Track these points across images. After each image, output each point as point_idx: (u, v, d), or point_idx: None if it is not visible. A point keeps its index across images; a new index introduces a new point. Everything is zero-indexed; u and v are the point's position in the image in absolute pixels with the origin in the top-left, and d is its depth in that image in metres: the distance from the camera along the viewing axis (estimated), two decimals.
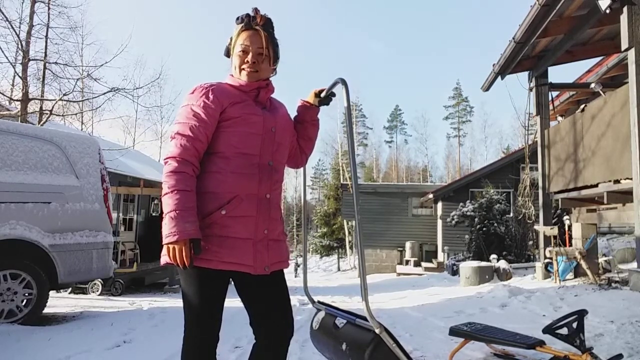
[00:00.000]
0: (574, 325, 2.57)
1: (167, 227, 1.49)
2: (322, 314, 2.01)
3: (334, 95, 1.95)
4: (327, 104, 1.96)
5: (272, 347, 1.66)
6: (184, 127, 1.60)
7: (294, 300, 6.80)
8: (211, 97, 1.62)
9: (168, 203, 1.52)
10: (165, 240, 1.49)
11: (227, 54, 1.78)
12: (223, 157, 1.62)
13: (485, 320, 3.58)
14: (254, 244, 1.61)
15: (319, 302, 2.11)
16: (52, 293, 5.20)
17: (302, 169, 2.15)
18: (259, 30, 1.69)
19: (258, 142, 1.65)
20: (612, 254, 7.59)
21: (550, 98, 7.80)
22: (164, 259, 1.56)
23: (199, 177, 1.61)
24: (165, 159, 1.60)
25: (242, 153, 1.62)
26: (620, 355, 2.63)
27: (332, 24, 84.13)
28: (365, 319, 1.59)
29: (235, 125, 1.63)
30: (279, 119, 1.76)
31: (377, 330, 1.54)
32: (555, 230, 6.77)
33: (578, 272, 6.15)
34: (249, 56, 1.68)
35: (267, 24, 1.71)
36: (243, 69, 1.69)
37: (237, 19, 1.71)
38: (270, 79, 1.79)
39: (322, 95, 1.93)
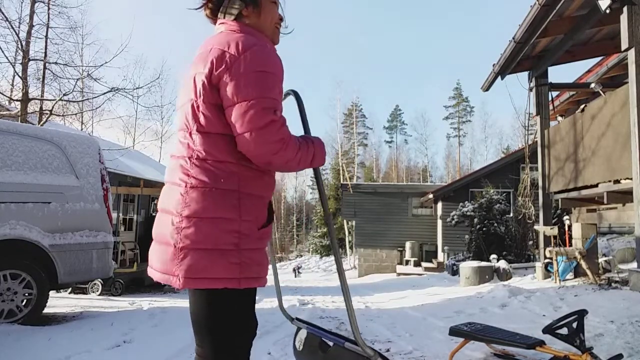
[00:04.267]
0: (574, 325, 2.56)
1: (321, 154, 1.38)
2: (304, 333, 1.88)
3: None
4: None
5: None
6: (276, 104, 1.27)
7: (294, 300, 6.81)
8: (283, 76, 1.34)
9: (307, 148, 1.32)
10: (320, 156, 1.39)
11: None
12: None
13: (485, 320, 3.58)
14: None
15: (297, 319, 1.98)
16: (52, 293, 5.20)
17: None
18: None
19: None
20: (612, 254, 7.58)
21: (550, 98, 7.80)
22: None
23: (251, 176, 1.31)
24: (278, 140, 1.24)
25: None
26: (620, 355, 2.63)
27: (334, 24, 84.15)
28: (354, 342, 1.49)
29: None
30: None
31: (371, 358, 1.43)
32: (555, 230, 6.76)
33: (578, 272, 6.15)
34: (280, 10, 1.43)
35: None
36: (277, 27, 1.42)
37: None
38: None
39: None
